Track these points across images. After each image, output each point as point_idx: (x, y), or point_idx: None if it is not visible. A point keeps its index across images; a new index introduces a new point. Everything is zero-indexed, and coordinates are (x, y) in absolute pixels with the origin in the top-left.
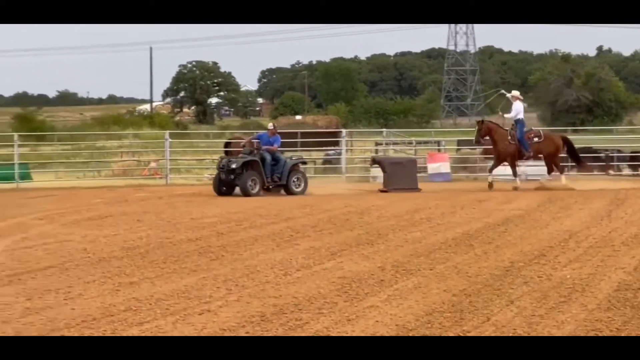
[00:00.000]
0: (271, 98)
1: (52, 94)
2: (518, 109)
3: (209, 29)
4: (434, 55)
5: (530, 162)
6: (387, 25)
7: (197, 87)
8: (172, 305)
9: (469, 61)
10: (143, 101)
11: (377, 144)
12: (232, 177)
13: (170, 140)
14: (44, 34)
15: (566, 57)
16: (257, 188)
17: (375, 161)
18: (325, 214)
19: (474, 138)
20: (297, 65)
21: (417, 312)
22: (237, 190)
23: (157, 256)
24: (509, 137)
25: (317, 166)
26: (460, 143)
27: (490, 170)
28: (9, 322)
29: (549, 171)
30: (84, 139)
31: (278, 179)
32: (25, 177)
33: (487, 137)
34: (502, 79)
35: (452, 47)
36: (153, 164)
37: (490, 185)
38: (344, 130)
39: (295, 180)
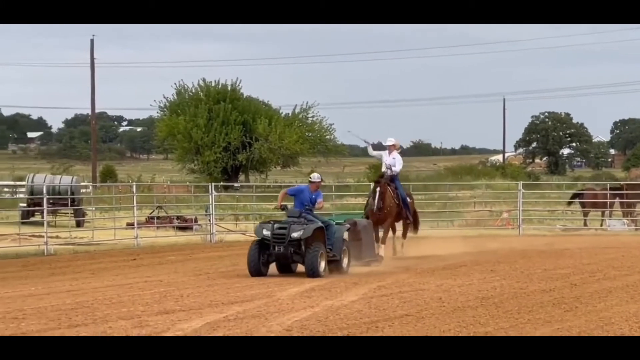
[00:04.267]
0: (623, 149)
1: (406, 143)
2: (401, 161)
3: (562, 80)
4: None
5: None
6: None
7: (550, 138)
8: None
9: None
10: (495, 152)
11: None
12: (293, 249)
13: (523, 190)
14: (397, 85)
15: None
16: (324, 265)
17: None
18: None
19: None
20: None
21: None
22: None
23: (511, 306)
24: (395, 197)
25: None
26: None
27: (383, 241)
28: None
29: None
30: (437, 189)
31: (330, 250)
32: None
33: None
34: None
35: None
36: (505, 215)
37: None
38: None
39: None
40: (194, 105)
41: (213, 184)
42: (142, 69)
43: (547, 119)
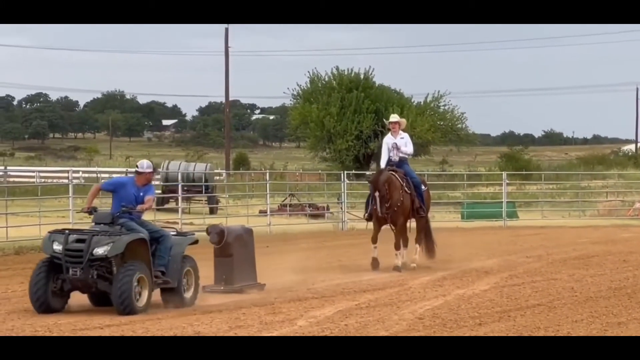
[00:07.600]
0: None
1: (537, 133)
2: (410, 141)
3: None
4: None
5: None
6: None
7: None
8: None
9: None
10: (627, 141)
11: None
12: (96, 273)
13: None
14: (528, 74)
15: None
16: (146, 296)
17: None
18: None
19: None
20: None
21: None
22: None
23: None
24: (404, 186)
25: None
26: None
27: (397, 246)
28: None
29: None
30: (568, 179)
31: (162, 274)
32: (512, 215)
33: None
34: None
35: None
36: (638, 204)
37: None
38: None
39: (184, 277)
40: (326, 94)
41: (345, 172)
42: (276, 58)
43: None
